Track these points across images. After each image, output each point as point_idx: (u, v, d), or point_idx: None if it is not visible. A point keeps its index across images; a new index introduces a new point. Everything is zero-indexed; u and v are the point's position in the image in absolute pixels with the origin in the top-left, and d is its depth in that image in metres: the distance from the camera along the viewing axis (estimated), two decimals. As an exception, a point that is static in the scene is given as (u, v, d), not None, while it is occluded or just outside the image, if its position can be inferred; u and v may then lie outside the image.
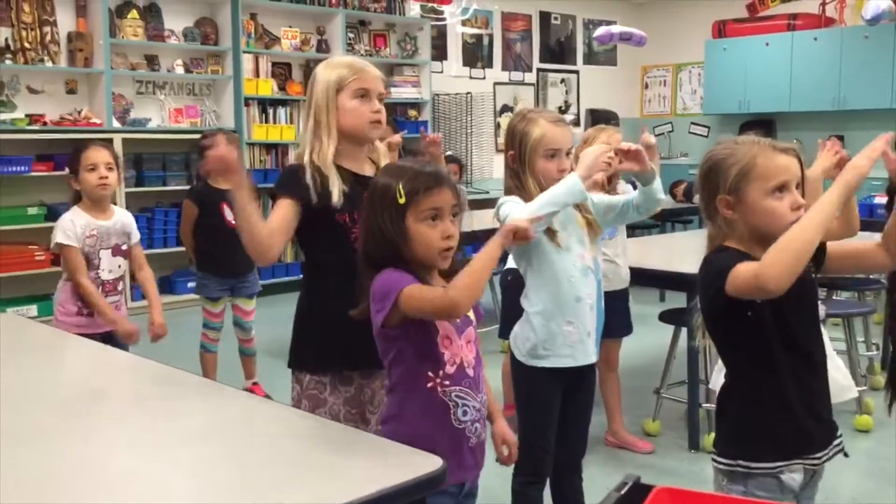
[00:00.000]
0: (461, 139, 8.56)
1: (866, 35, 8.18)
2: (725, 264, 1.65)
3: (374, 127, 2.14)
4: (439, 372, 1.76)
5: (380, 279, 1.75)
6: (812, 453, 1.74)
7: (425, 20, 8.22)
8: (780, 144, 1.72)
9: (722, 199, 1.71)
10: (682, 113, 10.26)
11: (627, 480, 0.99)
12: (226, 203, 4.13)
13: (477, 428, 1.82)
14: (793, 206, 1.68)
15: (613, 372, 3.66)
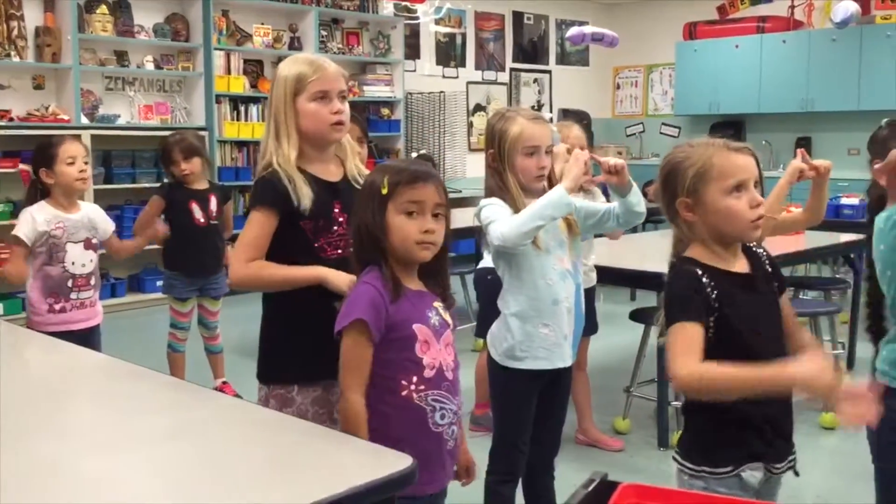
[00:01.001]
0: (434, 138, 8.57)
1: (834, 38, 8.31)
2: (676, 303, 1.67)
3: (335, 129, 2.09)
4: (413, 378, 1.75)
5: (356, 288, 1.75)
6: (770, 462, 1.75)
7: (398, 18, 8.21)
8: (734, 144, 1.73)
9: (681, 201, 1.72)
10: (653, 114, 10.35)
11: (595, 478, 1.00)
12: (195, 202, 4.11)
13: (454, 430, 1.82)
14: (751, 204, 1.68)
15: (582, 371, 3.68)
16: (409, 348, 1.75)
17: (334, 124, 2.09)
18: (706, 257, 1.73)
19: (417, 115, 8.52)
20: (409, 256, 1.79)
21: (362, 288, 1.76)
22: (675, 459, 1.80)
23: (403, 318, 1.77)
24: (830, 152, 8.65)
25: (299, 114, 2.08)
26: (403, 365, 1.75)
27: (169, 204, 4.09)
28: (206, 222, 4.12)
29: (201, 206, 4.11)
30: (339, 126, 2.11)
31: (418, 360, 1.76)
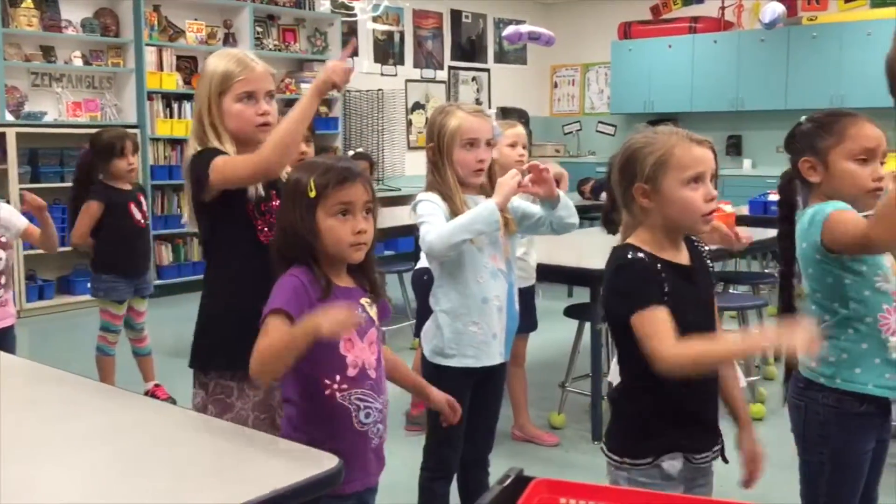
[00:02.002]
0: (373, 136, 8.53)
1: (762, 39, 8.53)
2: (636, 294, 1.68)
3: (261, 130, 2.07)
4: (336, 377, 1.74)
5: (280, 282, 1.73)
6: (690, 452, 1.79)
7: (335, 16, 8.16)
8: (696, 136, 1.75)
9: (638, 187, 1.73)
10: (589, 112, 10.48)
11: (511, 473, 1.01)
12: (133, 203, 4.02)
13: (379, 429, 1.81)
14: (706, 197, 1.71)
15: (520, 368, 3.71)
16: (334, 346, 1.74)
17: (260, 125, 2.07)
18: (650, 245, 1.74)
19: (356, 112, 8.47)
20: (341, 258, 1.78)
21: (287, 280, 1.73)
22: (602, 451, 1.83)
23: None
24: (760, 150, 8.90)
25: (225, 114, 2.05)
26: (327, 364, 1.74)
27: (108, 206, 3.97)
28: (144, 223, 4.09)
29: (138, 207, 4.06)
30: (265, 127, 2.08)
31: (342, 358, 1.75)
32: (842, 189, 1.92)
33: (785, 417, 2.10)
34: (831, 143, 1.91)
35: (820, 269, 1.92)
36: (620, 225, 1.83)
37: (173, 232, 6.89)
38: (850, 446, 1.91)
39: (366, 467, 1.80)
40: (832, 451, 1.91)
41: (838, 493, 1.93)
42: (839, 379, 1.91)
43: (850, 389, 1.90)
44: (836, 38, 8.16)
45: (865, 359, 1.89)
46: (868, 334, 1.89)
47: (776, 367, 4.52)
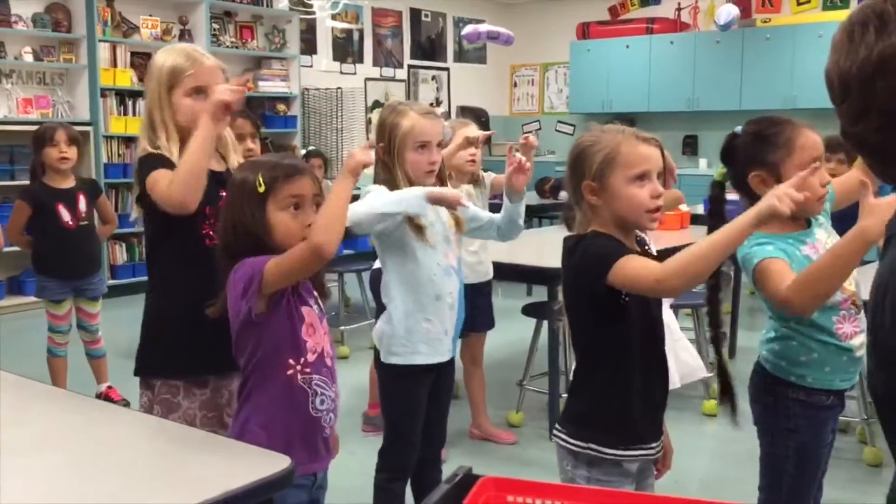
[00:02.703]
0: (331, 134, 8.48)
1: (718, 40, 8.66)
2: (608, 252, 1.69)
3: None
4: (300, 359, 1.75)
5: (239, 268, 1.72)
6: (649, 443, 1.81)
7: (294, 13, 8.09)
8: (643, 134, 1.78)
9: (587, 184, 1.75)
10: (549, 111, 10.55)
11: (459, 472, 1.01)
12: (62, 203, 3.92)
13: (331, 418, 1.83)
14: (653, 194, 1.73)
15: (478, 367, 3.72)
16: (296, 329, 1.76)
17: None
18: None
19: (314, 111, 8.42)
20: None
21: (249, 261, 1.72)
22: (559, 441, 1.83)
23: (293, 300, 1.77)
24: (715, 150, 8.96)
25: (175, 109, 2.03)
26: (290, 344, 1.75)
27: (35, 207, 3.87)
28: (74, 224, 3.92)
29: (69, 207, 3.90)
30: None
31: (303, 342, 1.76)
32: None
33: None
34: (781, 155, 1.91)
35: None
36: None
37: (128, 231, 6.77)
38: (816, 439, 1.96)
39: (315, 452, 1.81)
40: (799, 445, 1.95)
41: (800, 485, 1.97)
42: (810, 378, 1.95)
43: (821, 387, 1.94)
44: (788, 40, 8.31)
45: (834, 358, 1.94)
46: (830, 341, 1.94)
47: (731, 362, 4.58)
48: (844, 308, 1.93)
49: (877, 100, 0.90)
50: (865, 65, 0.90)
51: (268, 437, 1.70)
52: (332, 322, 5.41)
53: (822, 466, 1.99)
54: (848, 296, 1.93)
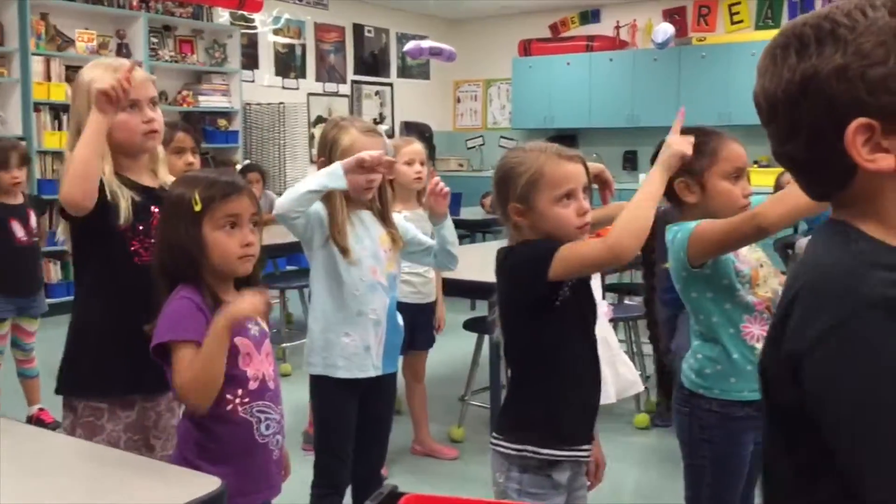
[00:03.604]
0: (274, 150, 8.42)
1: (655, 58, 8.83)
2: (544, 249, 1.70)
3: (148, 138, 2.02)
4: (238, 391, 1.72)
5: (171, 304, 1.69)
6: (582, 444, 1.84)
7: (235, 27, 8.03)
8: (566, 152, 1.79)
9: (513, 207, 1.77)
10: (492, 127, 10.63)
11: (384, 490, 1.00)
12: (14, 219, 3.83)
13: (278, 440, 1.81)
14: (579, 212, 1.75)
15: (420, 383, 3.71)
16: (233, 363, 1.71)
17: (147, 133, 2.02)
18: None
19: (256, 126, 8.34)
20: (229, 272, 1.76)
21: (182, 304, 1.69)
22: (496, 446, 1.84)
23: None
24: (655, 165, 9.19)
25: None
26: (227, 379, 1.70)
27: None
28: (28, 240, 3.86)
29: (21, 223, 3.84)
30: (152, 135, 2.03)
31: (242, 373, 1.73)
32: (718, 207, 2.00)
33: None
34: (706, 163, 1.96)
35: (684, 285, 2.01)
36: None
37: (62, 249, 6.60)
38: (731, 449, 1.99)
39: (269, 479, 1.79)
40: (714, 454, 1.99)
41: (720, 494, 2.00)
42: (717, 390, 1.99)
43: (728, 399, 1.98)
44: (723, 59, 8.53)
45: (738, 368, 1.98)
46: (735, 344, 1.98)
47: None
48: (758, 310, 1.98)
49: (803, 120, 0.93)
50: (790, 86, 0.93)
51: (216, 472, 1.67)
52: (274, 339, 5.30)
53: (744, 476, 2.03)
54: (762, 300, 1.98)
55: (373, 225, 2.38)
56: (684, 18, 9.11)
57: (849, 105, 0.89)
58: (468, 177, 9.56)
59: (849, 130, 0.89)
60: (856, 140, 0.89)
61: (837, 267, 0.89)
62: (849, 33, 0.89)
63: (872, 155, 0.89)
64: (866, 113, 0.88)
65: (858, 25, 0.89)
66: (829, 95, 0.90)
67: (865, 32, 0.89)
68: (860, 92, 0.88)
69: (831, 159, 0.91)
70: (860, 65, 0.88)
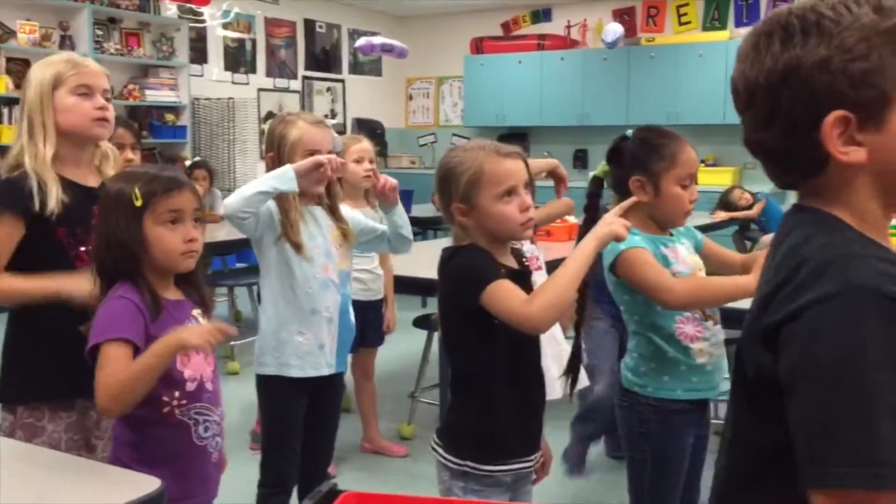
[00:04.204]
0: (223, 145, 8.31)
1: (605, 58, 8.92)
2: (483, 272, 1.69)
3: (98, 125, 1.98)
4: (175, 393, 1.69)
5: (108, 304, 1.65)
6: (525, 457, 1.83)
7: (183, 21, 7.90)
8: (504, 149, 1.79)
9: (456, 207, 1.76)
10: (444, 124, 10.63)
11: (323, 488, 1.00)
12: None
13: (218, 442, 1.78)
14: (521, 207, 1.75)
15: (369, 381, 3.70)
16: (171, 364, 1.67)
17: (98, 119, 1.98)
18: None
19: (205, 121, 8.22)
20: (172, 268, 1.73)
21: (120, 303, 1.66)
22: (438, 456, 1.83)
23: (161, 333, 1.69)
24: (605, 163, 9.28)
25: (58, 109, 1.94)
26: (164, 381, 1.67)
27: None
28: None
29: None
30: (102, 122, 1.99)
31: (179, 374, 1.69)
32: (666, 211, 2.03)
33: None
34: (664, 166, 1.99)
35: (616, 289, 2.04)
36: None
37: None
38: (669, 442, 2.02)
39: (206, 482, 1.76)
40: (653, 448, 2.02)
41: (660, 487, 2.04)
42: (650, 388, 2.03)
43: (662, 397, 2.01)
44: (671, 59, 8.65)
45: (672, 367, 2.01)
46: (669, 344, 2.01)
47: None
48: (690, 310, 2.01)
49: (781, 108, 0.94)
50: (771, 74, 0.93)
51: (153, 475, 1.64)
52: (222, 337, 5.27)
53: (684, 468, 2.06)
54: None
55: (324, 221, 2.37)
56: (633, 19, 9.22)
57: (829, 97, 0.90)
58: (420, 174, 9.55)
59: (827, 122, 0.90)
60: (832, 132, 0.91)
61: (830, 249, 0.90)
62: (834, 27, 0.91)
63: (846, 147, 0.91)
64: (845, 106, 0.90)
65: (843, 20, 0.91)
66: (810, 86, 0.91)
67: (850, 27, 0.90)
68: (841, 85, 0.90)
69: (805, 149, 0.93)
70: (843, 59, 0.90)
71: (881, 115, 0.90)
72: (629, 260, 1.95)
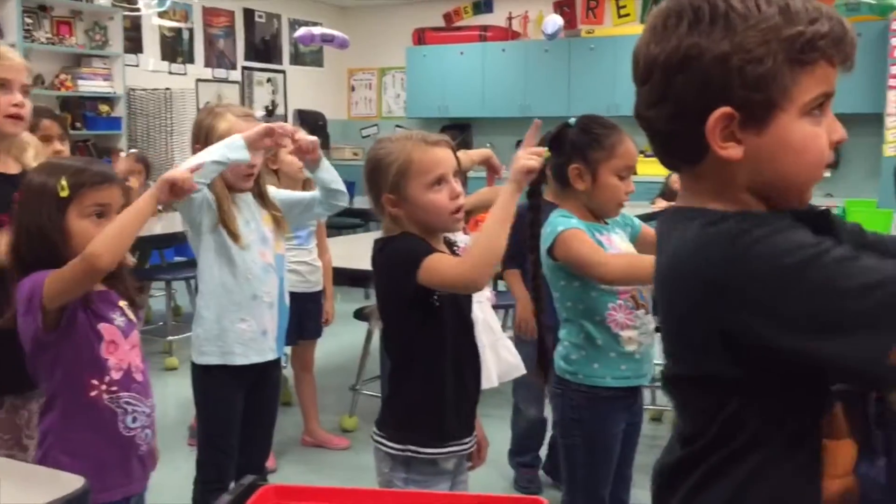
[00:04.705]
0: (161, 137, 8.14)
1: (546, 49, 8.98)
2: (415, 251, 1.70)
3: (11, 122, 1.95)
4: (104, 378, 1.66)
5: (24, 282, 1.62)
6: (463, 439, 1.86)
7: (117, 9, 7.70)
8: (432, 138, 1.80)
9: (386, 198, 1.77)
10: (387, 116, 10.59)
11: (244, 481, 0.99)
12: None
13: (147, 434, 1.76)
14: (451, 196, 1.76)
15: (309, 372, 3.68)
16: (95, 349, 1.67)
17: (10, 116, 1.94)
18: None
19: (141, 112, 8.05)
20: None
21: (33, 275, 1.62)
22: (378, 444, 1.83)
23: (87, 317, 1.67)
24: (547, 154, 9.36)
25: None
26: (89, 364, 1.66)
27: None
28: None
29: None
30: (16, 120, 1.96)
31: (104, 361, 1.68)
32: (602, 200, 2.06)
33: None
34: (602, 156, 2.03)
35: (552, 273, 2.06)
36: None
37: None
38: (601, 428, 2.06)
39: (129, 474, 1.73)
40: (585, 434, 2.05)
41: (593, 472, 2.07)
42: (581, 375, 2.06)
43: (592, 384, 2.04)
44: (610, 51, 8.74)
45: (602, 354, 2.05)
46: (600, 332, 2.05)
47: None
48: (622, 299, 2.05)
49: (674, 90, 0.94)
50: (672, 55, 0.93)
51: (74, 464, 1.60)
52: (160, 332, 5.19)
53: (615, 454, 2.10)
54: (628, 289, 2.05)
55: (256, 208, 2.36)
56: (574, 11, 9.29)
57: (721, 91, 0.91)
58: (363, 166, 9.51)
59: (713, 116, 0.91)
60: (716, 125, 0.92)
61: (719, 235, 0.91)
62: (740, 22, 0.91)
63: (725, 143, 0.93)
64: (733, 103, 0.91)
65: (750, 17, 0.91)
66: (706, 77, 0.91)
67: (754, 27, 0.90)
68: (734, 83, 0.90)
69: (688, 135, 0.94)
70: (741, 58, 0.90)
71: (764, 120, 0.91)
72: (567, 239, 1.98)
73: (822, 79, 0.92)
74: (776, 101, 0.91)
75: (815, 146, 0.92)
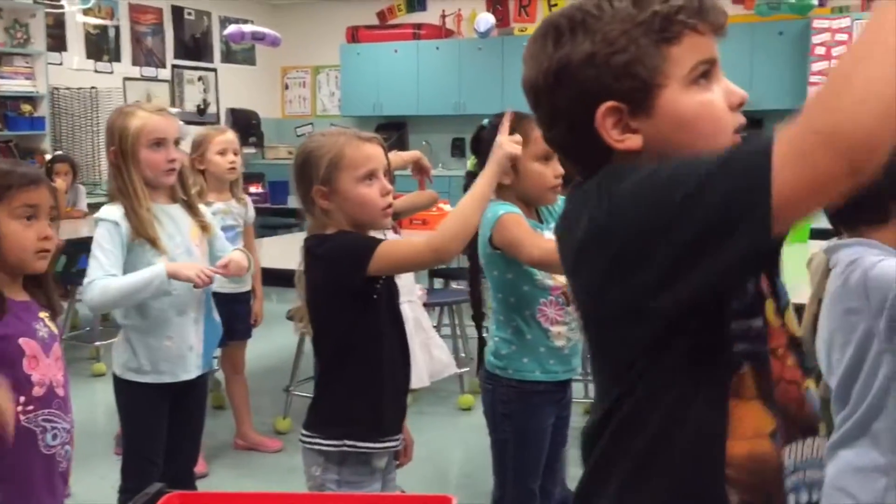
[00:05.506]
0: (87, 137, 7.92)
1: (480, 47, 9.03)
2: (362, 245, 1.71)
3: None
4: (20, 399, 1.61)
5: None
6: (395, 435, 1.86)
7: (38, 6, 7.47)
8: (364, 134, 1.82)
9: (317, 189, 1.77)
10: (321, 114, 10.50)
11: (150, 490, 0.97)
12: None
13: (67, 451, 1.71)
14: (382, 192, 1.77)
15: (240, 374, 3.63)
16: (16, 365, 1.61)
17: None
18: None
19: (66, 112, 7.82)
20: (23, 267, 1.66)
21: None
22: (307, 444, 1.82)
23: (8, 332, 1.62)
24: (482, 152, 9.40)
25: None
26: (11, 384, 1.59)
27: None
28: None
29: None
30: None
31: (26, 377, 1.62)
32: (529, 188, 2.07)
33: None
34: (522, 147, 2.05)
35: (488, 263, 2.08)
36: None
37: None
38: (530, 422, 2.08)
39: (52, 492, 1.68)
40: (515, 428, 2.07)
41: (523, 465, 2.10)
42: (511, 370, 2.08)
43: (521, 378, 2.06)
44: (543, 49, 8.84)
45: (531, 349, 2.07)
46: (530, 326, 2.07)
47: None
48: (553, 295, 2.08)
49: (559, 106, 0.97)
50: (547, 75, 0.96)
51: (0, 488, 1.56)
52: (87, 338, 5.06)
53: (545, 448, 2.13)
54: (560, 285, 2.08)
55: (181, 218, 2.30)
56: (506, 9, 9.35)
57: (598, 90, 0.93)
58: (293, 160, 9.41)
59: (598, 113, 0.94)
60: (605, 122, 0.94)
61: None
62: (595, 22, 0.94)
63: (622, 136, 0.95)
64: (613, 97, 0.93)
65: (605, 15, 0.94)
66: (580, 81, 0.94)
67: (611, 21, 0.93)
68: (606, 77, 0.93)
69: (589, 142, 0.96)
70: (606, 52, 0.93)
71: (647, 102, 0.94)
72: (505, 222, 2.00)
73: (694, 48, 0.93)
74: (653, 80, 0.93)
75: (708, 112, 0.94)
